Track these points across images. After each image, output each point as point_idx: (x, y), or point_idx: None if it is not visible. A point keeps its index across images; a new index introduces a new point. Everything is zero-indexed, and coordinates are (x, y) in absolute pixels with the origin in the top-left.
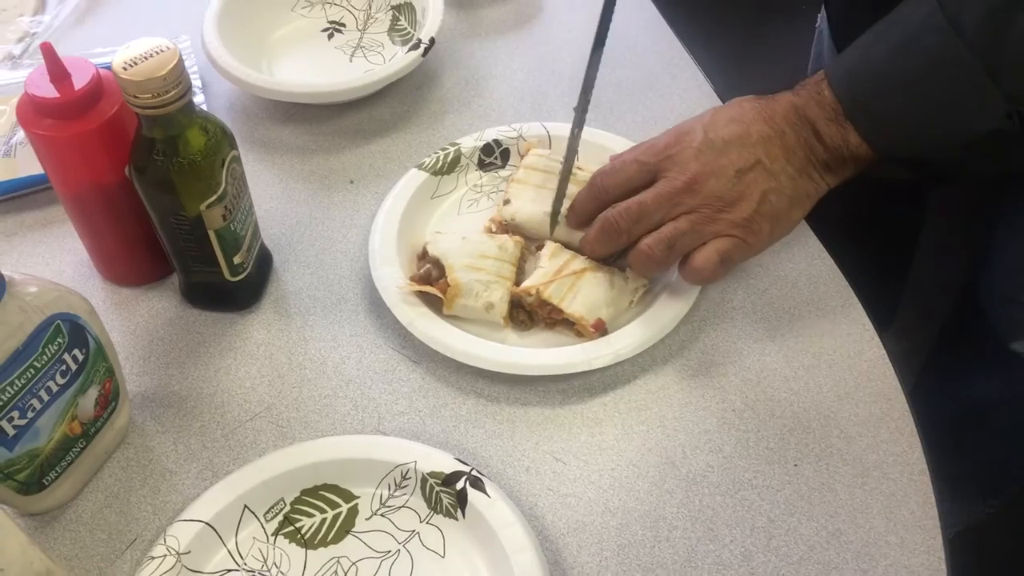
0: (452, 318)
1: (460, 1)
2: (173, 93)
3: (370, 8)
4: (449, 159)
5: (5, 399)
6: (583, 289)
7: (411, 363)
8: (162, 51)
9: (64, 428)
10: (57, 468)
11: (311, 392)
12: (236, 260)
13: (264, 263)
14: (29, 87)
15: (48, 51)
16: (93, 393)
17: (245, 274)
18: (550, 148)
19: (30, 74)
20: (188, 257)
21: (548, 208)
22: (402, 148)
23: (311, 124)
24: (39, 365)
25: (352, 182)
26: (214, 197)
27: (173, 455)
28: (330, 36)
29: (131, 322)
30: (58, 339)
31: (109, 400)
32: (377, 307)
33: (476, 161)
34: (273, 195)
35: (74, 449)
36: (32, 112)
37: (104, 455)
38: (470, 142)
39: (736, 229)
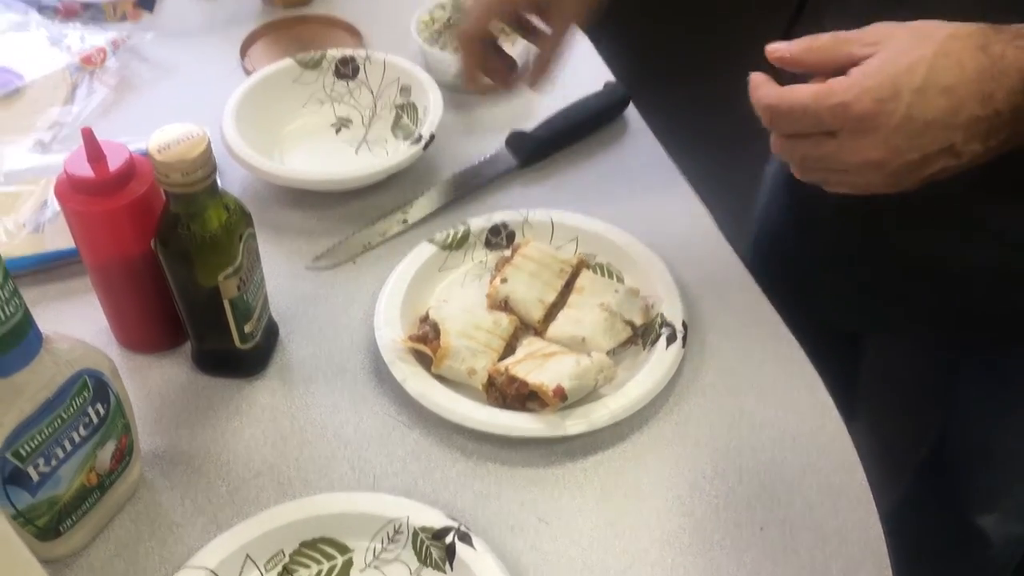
0: (443, 382)
1: (457, 101)
2: (200, 174)
3: (375, 107)
4: (459, 236)
5: (33, 446)
6: (550, 366)
7: (405, 428)
8: (192, 137)
9: (83, 478)
10: (73, 516)
11: (311, 453)
12: (247, 329)
13: (271, 333)
14: (69, 167)
15: (88, 135)
16: (110, 447)
17: (254, 343)
18: (552, 234)
19: (70, 155)
20: (203, 325)
21: (540, 295)
22: (401, 233)
23: (318, 209)
24: (66, 416)
25: (355, 262)
26: (231, 269)
27: (180, 509)
28: (337, 131)
29: (144, 386)
30: (84, 393)
31: (124, 454)
32: (375, 375)
33: (484, 240)
34: (281, 272)
35: (90, 499)
36: (70, 189)
37: (116, 507)
38: (480, 222)
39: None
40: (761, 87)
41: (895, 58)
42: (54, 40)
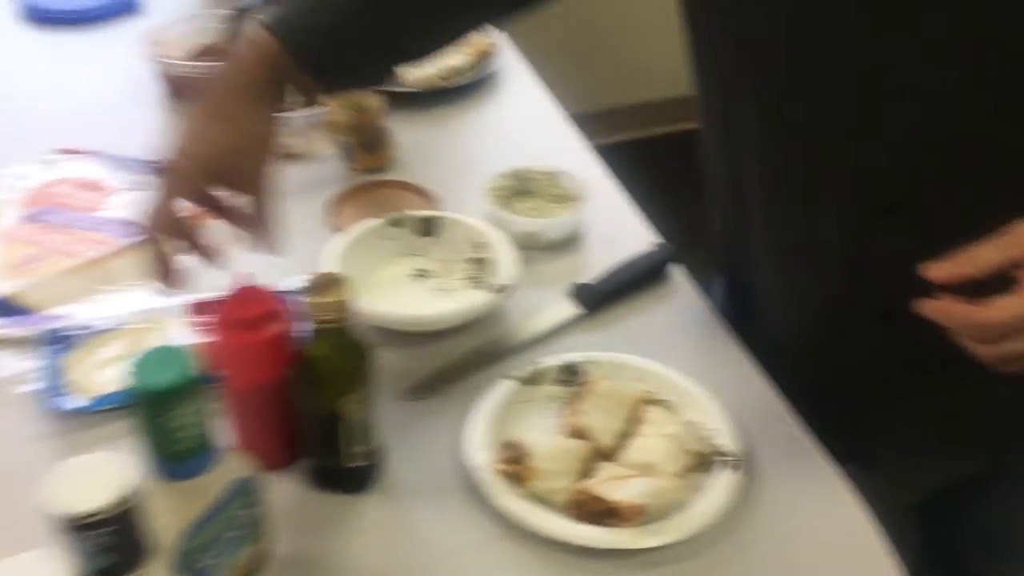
0: (527, 499)
1: (524, 257)
2: (342, 315)
3: (451, 259)
4: (535, 373)
5: (206, 541)
6: (627, 487)
7: (496, 539)
8: (338, 282)
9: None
10: None
11: (416, 562)
12: (358, 449)
13: (376, 454)
14: (224, 306)
15: (244, 279)
16: (253, 550)
17: (363, 462)
18: (618, 374)
19: (225, 296)
20: (321, 444)
21: (611, 425)
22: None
23: (406, 348)
24: (229, 517)
25: (442, 394)
26: (352, 396)
27: None
28: (417, 280)
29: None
30: (242, 497)
31: (261, 558)
32: (467, 493)
33: (555, 377)
34: (379, 402)
35: None
36: (223, 324)
37: None
38: (552, 361)
39: None
40: (958, 310)
41: None
42: None
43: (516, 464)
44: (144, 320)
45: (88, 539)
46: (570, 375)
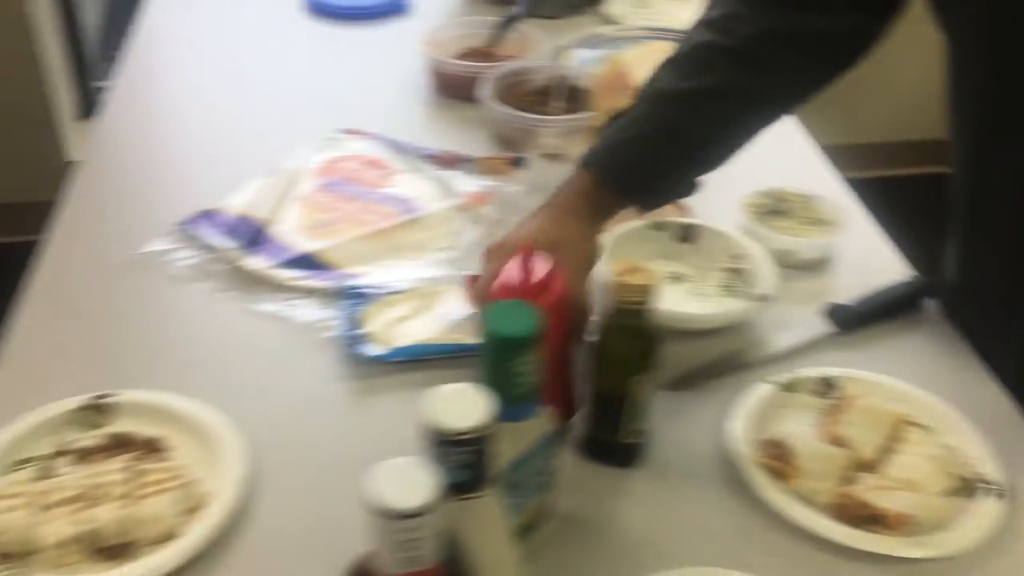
0: (790, 497)
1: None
2: (646, 297)
3: (707, 266)
4: (793, 381)
5: (515, 482)
6: (894, 497)
7: (757, 528)
8: (643, 271)
9: (525, 519)
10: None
11: (679, 535)
12: (636, 426)
13: (645, 434)
14: (505, 273)
15: (526, 249)
16: (543, 501)
17: (637, 439)
18: (875, 392)
19: (508, 265)
20: (606, 419)
21: (871, 438)
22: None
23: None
24: (536, 463)
25: (700, 389)
26: (647, 375)
27: (572, 566)
28: (671, 282)
29: None
30: (550, 447)
31: (548, 509)
32: (726, 481)
33: (811, 388)
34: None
35: (520, 540)
36: (505, 291)
37: (532, 555)
38: (809, 372)
39: None
40: None
41: None
42: (442, 182)
43: (780, 461)
44: (429, 285)
45: (453, 454)
46: (827, 387)
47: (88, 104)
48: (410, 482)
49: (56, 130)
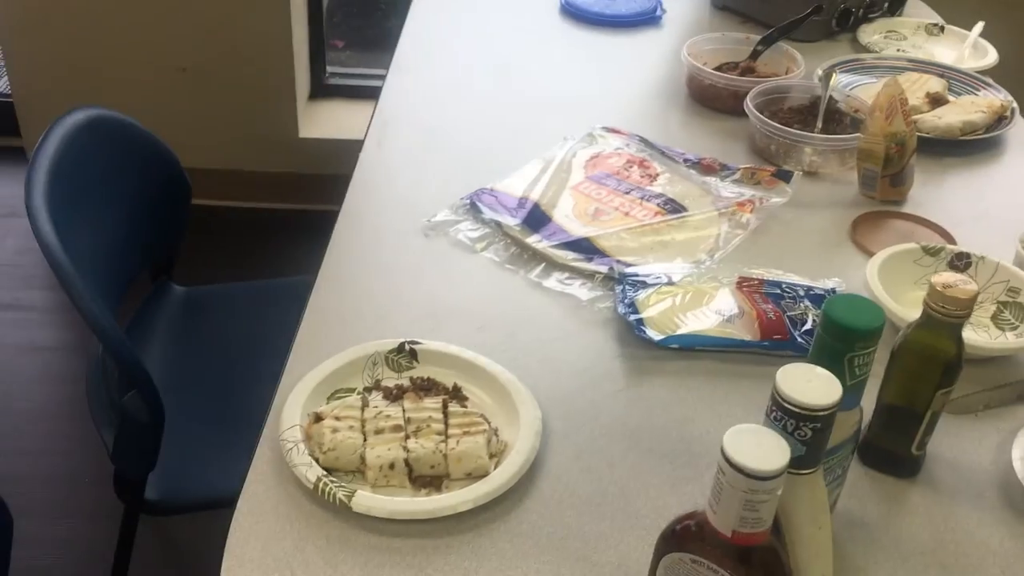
0: None
1: None
2: (968, 311)
3: (981, 296)
4: None
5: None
6: None
7: None
8: (968, 283)
9: None
10: None
11: (958, 550)
12: (927, 439)
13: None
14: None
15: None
16: (835, 496)
17: (922, 452)
18: None
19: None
20: (899, 429)
21: None
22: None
23: None
24: (841, 456)
25: (976, 415)
26: (950, 389)
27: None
28: None
29: None
30: (851, 443)
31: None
32: (1008, 505)
33: None
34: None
35: None
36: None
37: None
38: None
39: None
40: None
41: None
42: (704, 186)
43: None
44: (698, 281)
45: (801, 428)
46: None
47: (318, 87)
48: (764, 447)
49: (292, 108)
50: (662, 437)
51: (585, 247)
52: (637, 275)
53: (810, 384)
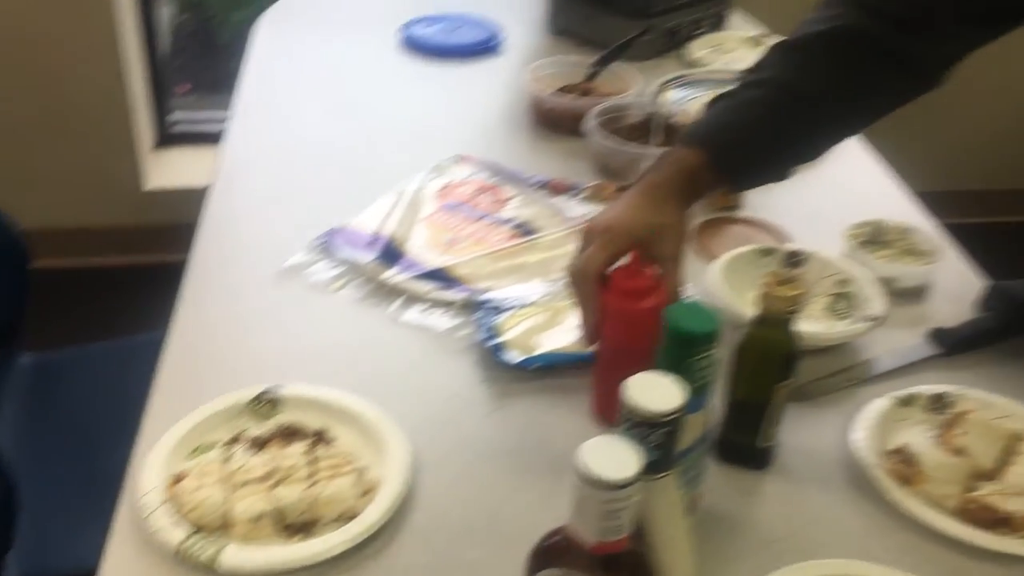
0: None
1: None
2: (796, 307)
3: (812, 291)
4: (908, 397)
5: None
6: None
7: (884, 529)
8: (796, 278)
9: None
10: None
11: (810, 534)
12: (773, 431)
13: (776, 439)
14: (617, 276)
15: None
16: (693, 496)
17: (771, 444)
18: (986, 408)
19: (619, 269)
20: (746, 424)
21: (989, 449)
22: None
23: None
24: (694, 457)
25: (816, 401)
26: (789, 382)
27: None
28: None
29: None
30: (703, 443)
31: (693, 506)
32: (850, 484)
33: (924, 404)
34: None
35: None
36: (617, 294)
37: None
38: (925, 390)
39: None
40: None
41: None
42: (554, 207)
43: (905, 467)
44: (553, 300)
45: (650, 435)
46: (941, 404)
47: (162, 135)
48: (616, 457)
49: (133, 160)
50: (531, 457)
51: (442, 277)
52: (493, 300)
53: (656, 392)
